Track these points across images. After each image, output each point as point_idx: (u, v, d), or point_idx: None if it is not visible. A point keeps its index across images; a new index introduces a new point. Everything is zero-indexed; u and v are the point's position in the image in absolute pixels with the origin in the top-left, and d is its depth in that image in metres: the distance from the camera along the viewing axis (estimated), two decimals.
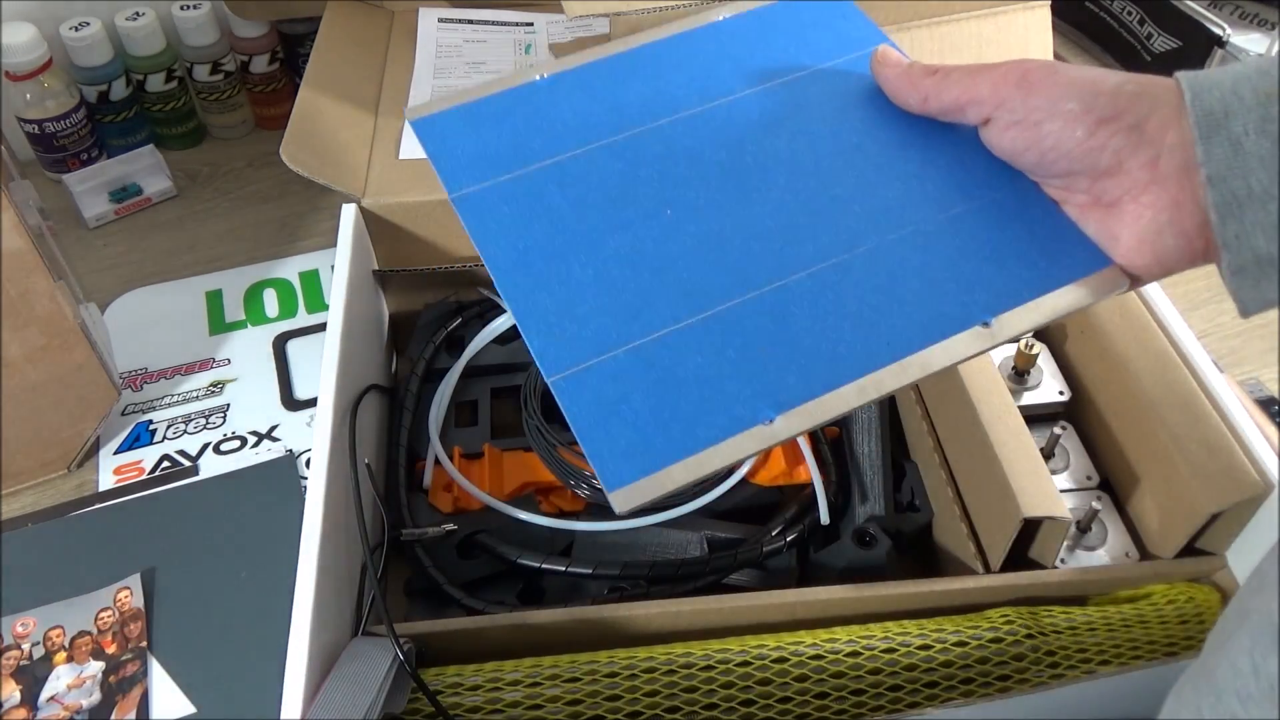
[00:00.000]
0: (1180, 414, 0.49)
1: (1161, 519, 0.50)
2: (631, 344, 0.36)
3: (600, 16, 0.71)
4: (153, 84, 0.84)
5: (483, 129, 0.42)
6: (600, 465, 0.33)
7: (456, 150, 0.42)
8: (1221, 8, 0.85)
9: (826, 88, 0.44)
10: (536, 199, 0.40)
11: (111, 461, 0.64)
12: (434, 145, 0.42)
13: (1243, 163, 0.34)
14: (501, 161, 0.41)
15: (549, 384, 0.35)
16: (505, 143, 0.42)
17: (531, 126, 0.42)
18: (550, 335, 0.36)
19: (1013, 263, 0.38)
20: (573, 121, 0.42)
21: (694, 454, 0.33)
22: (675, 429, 0.34)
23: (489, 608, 0.49)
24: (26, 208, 0.58)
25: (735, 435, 0.34)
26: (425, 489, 0.56)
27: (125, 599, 0.56)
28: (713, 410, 0.34)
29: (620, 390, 0.35)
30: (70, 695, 0.52)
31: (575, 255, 0.38)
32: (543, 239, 0.39)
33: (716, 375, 0.35)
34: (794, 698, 0.43)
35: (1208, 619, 0.48)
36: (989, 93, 0.38)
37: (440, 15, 0.83)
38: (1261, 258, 0.34)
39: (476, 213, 0.39)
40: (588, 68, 0.45)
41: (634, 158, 0.41)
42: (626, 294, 0.37)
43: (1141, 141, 0.36)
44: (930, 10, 0.71)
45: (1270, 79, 0.34)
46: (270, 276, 0.77)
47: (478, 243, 0.39)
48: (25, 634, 0.55)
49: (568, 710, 0.42)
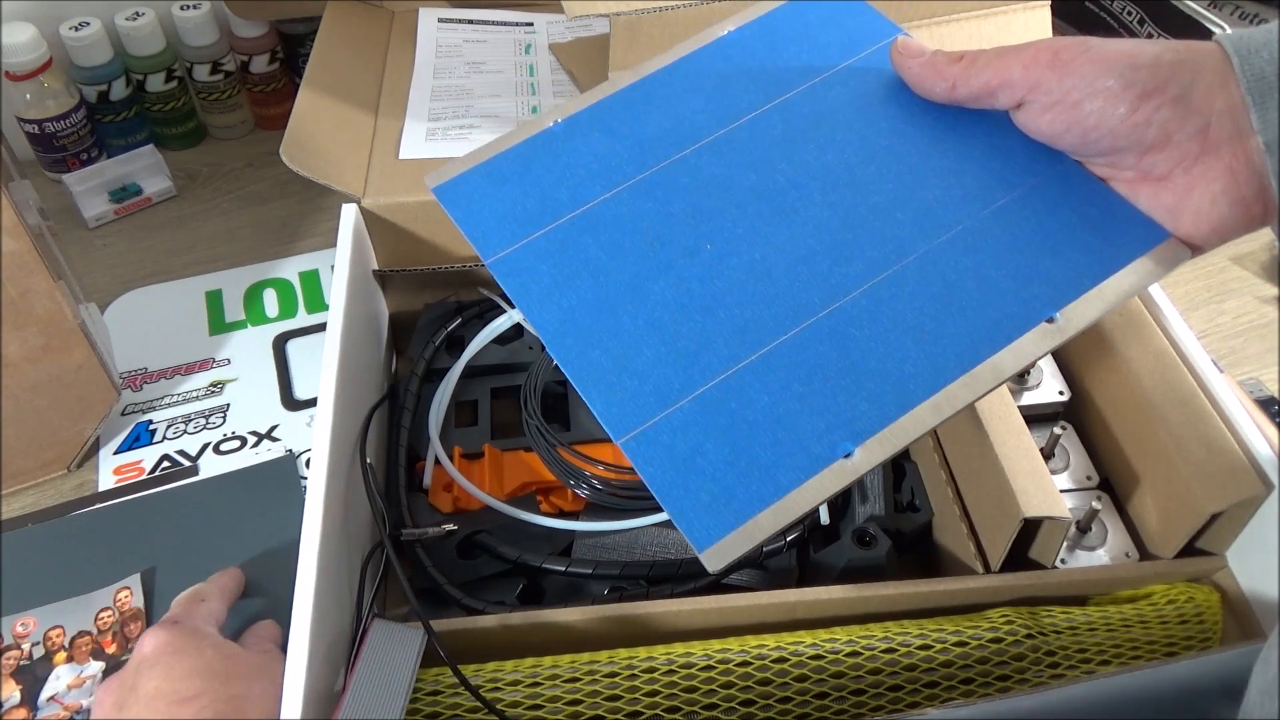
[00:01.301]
0: (1180, 414, 0.49)
1: (1161, 519, 0.50)
2: (695, 392, 0.35)
3: (600, 16, 0.70)
4: (153, 84, 0.84)
5: (506, 186, 0.41)
6: (687, 525, 0.32)
7: (483, 213, 0.40)
8: (1221, 8, 0.85)
9: (847, 90, 0.43)
10: (572, 252, 0.39)
11: (111, 461, 0.64)
12: (460, 211, 0.41)
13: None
14: (530, 218, 0.40)
15: (620, 446, 0.34)
16: (531, 198, 0.41)
17: (554, 176, 0.41)
18: (612, 395, 0.35)
19: (1068, 249, 0.37)
20: (595, 165, 0.41)
21: (778, 499, 0.32)
22: (755, 476, 0.33)
23: (489, 608, 0.49)
24: (26, 208, 0.58)
25: (817, 474, 0.33)
26: (425, 489, 0.56)
27: (125, 599, 0.56)
28: (790, 451, 0.33)
29: (693, 442, 0.33)
30: (70, 695, 0.52)
31: (622, 306, 0.37)
32: (586, 294, 0.37)
33: (788, 413, 0.34)
34: (794, 698, 0.43)
35: (1208, 619, 0.48)
36: (1020, 75, 0.37)
37: (440, 15, 0.83)
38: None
39: (515, 275, 0.38)
40: (600, 105, 0.43)
41: (664, 194, 0.40)
42: (681, 340, 0.36)
43: (1189, 112, 0.34)
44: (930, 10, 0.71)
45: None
46: (270, 276, 0.77)
47: (521, 307, 0.38)
48: (25, 634, 0.55)
49: (568, 710, 0.42)
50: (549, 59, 0.81)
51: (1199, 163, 0.35)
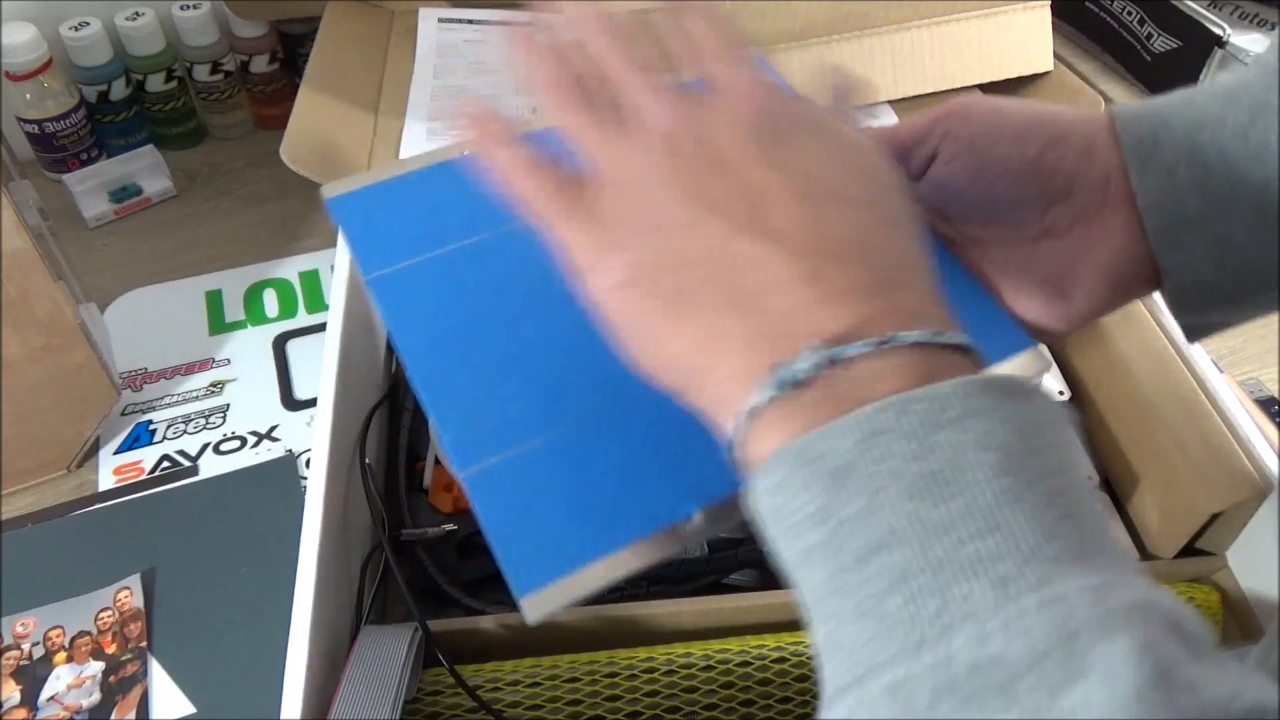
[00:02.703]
0: (1180, 414, 0.49)
1: (1161, 519, 0.50)
2: (546, 437, 0.34)
3: None
4: (153, 84, 0.84)
5: (401, 208, 0.40)
6: (511, 567, 0.31)
7: (374, 230, 0.40)
8: (1221, 8, 0.85)
9: None
10: (453, 281, 0.38)
11: (111, 461, 0.64)
12: (349, 224, 0.40)
13: (1176, 190, 0.33)
14: (419, 242, 0.39)
15: (459, 479, 0.33)
16: (424, 222, 0.40)
17: (452, 204, 0.40)
18: (463, 425, 0.34)
19: None
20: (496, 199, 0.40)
21: (612, 552, 0.31)
22: (592, 526, 0.32)
23: (489, 608, 0.49)
24: (26, 208, 0.58)
25: (655, 532, 0.32)
26: (425, 489, 0.56)
27: (125, 599, 0.56)
28: (631, 506, 0.32)
29: (536, 484, 0.33)
30: (70, 695, 0.52)
31: (491, 341, 0.36)
32: (458, 323, 0.37)
33: (636, 468, 0.33)
34: (794, 698, 0.43)
35: (1208, 619, 0.48)
36: (930, 125, 0.37)
37: (440, 15, 0.83)
38: (1202, 283, 0.34)
39: (390, 295, 0.37)
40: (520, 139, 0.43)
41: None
42: (544, 382, 0.35)
43: (1092, 163, 0.35)
44: (930, 10, 0.71)
45: (1194, 107, 0.34)
46: (270, 276, 0.77)
47: (390, 326, 0.37)
48: (25, 634, 0.55)
49: (568, 710, 0.42)
50: None
51: (1100, 216, 0.35)
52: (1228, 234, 0.33)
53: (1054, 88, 0.75)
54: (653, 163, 0.29)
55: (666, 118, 0.30)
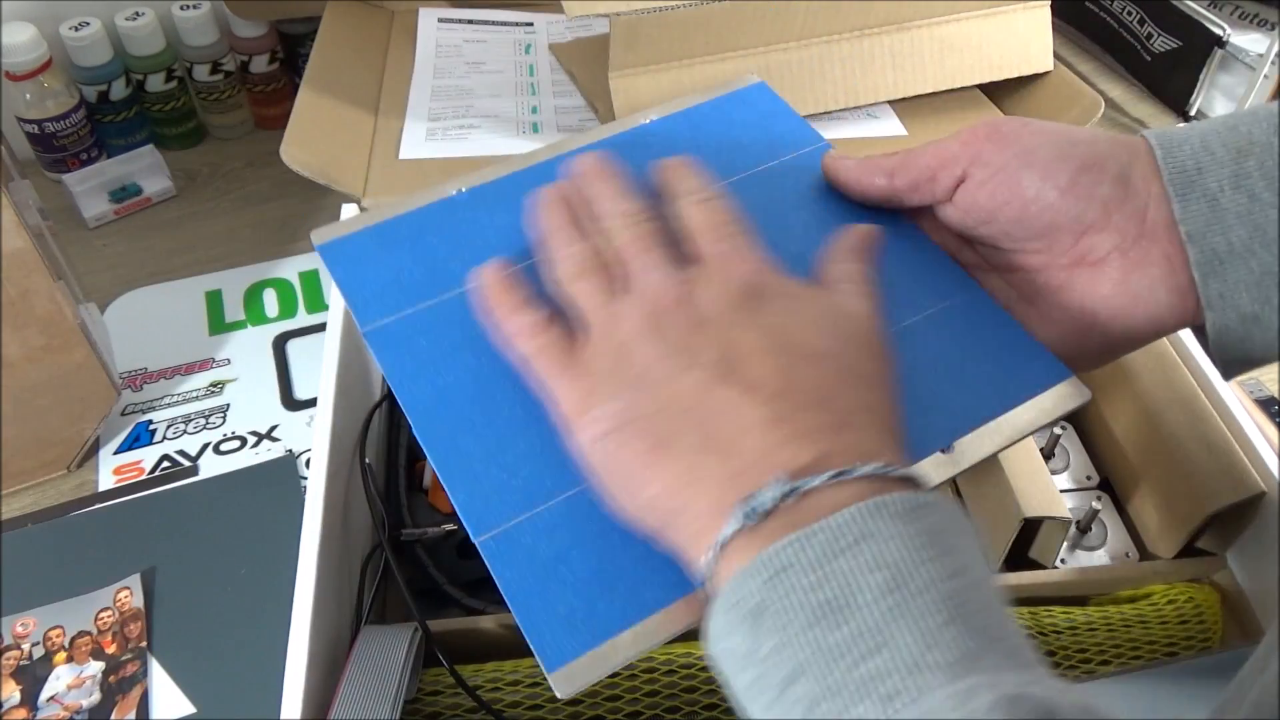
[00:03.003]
0: (1180, 414, 0.49)
1: (1161, 519, 0.50)
2: (566, 494, 0.32)
3: (600, 16, 0.71)
4: (153, 84, 0.84)
5: (396, 252, 0.38)
6: (539, 641, 0.30)
7: (368, 278, 0.38)
8: (1221, 8, 0.85)
9: (763, 192, 0.41)
10: (457, 330, 0.36)
11: (111, 461, 0.64)
12: (343, 273, 0.38)
13: (1220, 219, 0.33)
14: (417, 289, 0.37)
15: (477, 545, 0.31)
16: (421, 266, 0.38)
17: (449, 247, 0.38)
18: (476, 486, 0.32)
19: (970, 379, 0.35)
20: (495, 240, 0.39)
21: (642, 620, 0.30)
22: (620, 591, 0.30)
23: (489, 608, 0.49)
24: (26, 208, 0.58)
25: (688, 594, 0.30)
26: (425, 489, 0.56)
27: (125, 599, 0.56)
28: (659, 567, 0.30)
29: (557, 548, 0.31)
30: (70, 695, 0.52)
31: (501, 394, 0.34)
32: (465, 376, 0.35)
33: None
34: None
35: (1208, 619, 0.48)
36: (959, 149, 0.36)
37: (440, 15, 0.83)
38: (1246, 316, 0.33)
39: (391, 348, 0.35)
40: (510, 179, 0.41)
41: None
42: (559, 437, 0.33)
43: (1129, 191, 0.34)
44: (930, 10, 0.71)
45: (1238, 134, 0.33)
46: (270, 276, 0.77)
47: (392, 381, 0.35)
48: (25, 634, 0.55)
49: (568, 710, 0.42)
50: (549, 59, 0.81)
51: (1137, 246, 0.34)
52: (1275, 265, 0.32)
53: (1054, 88, 0.75)
54: (640, 321, 0.32)
55: (656, 283, 0.33)
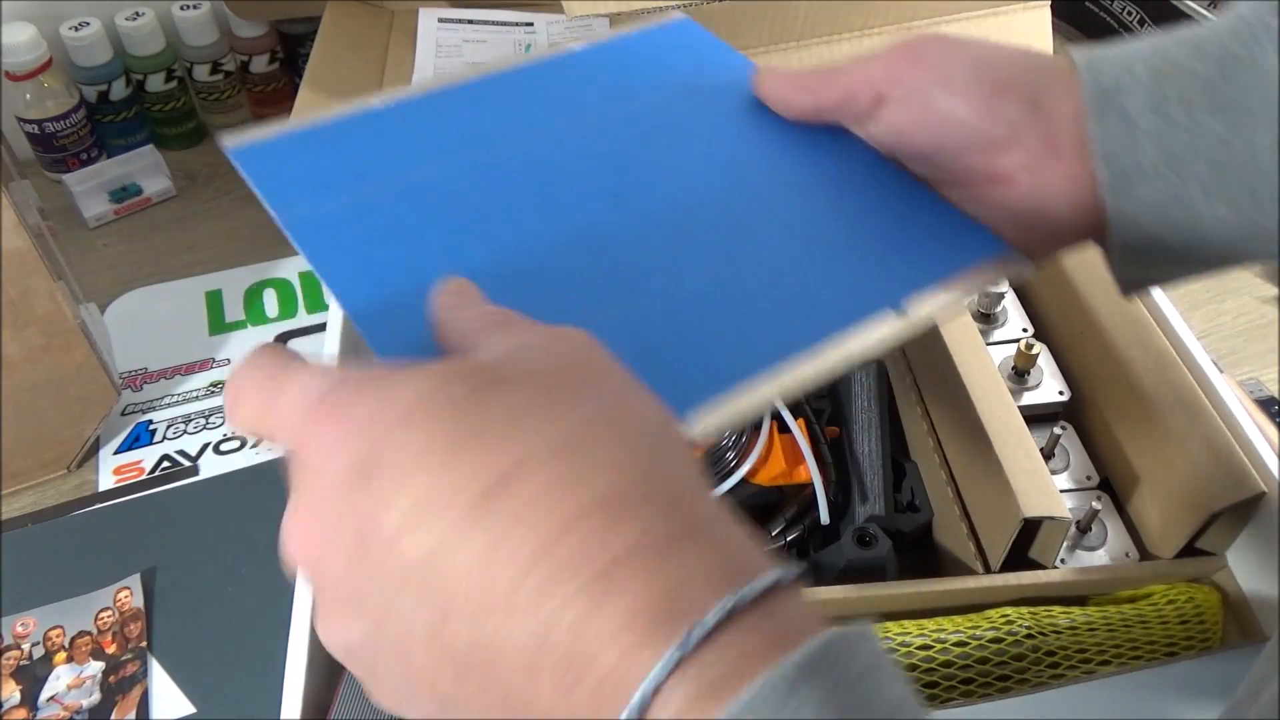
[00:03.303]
0: (1180, 414, 0.49)
1: (1161, 519, 0.50)
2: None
3: (600, 16, 0.71)
4: (153, 84, 0.84)
5: (318, 155, 0.37)
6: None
7: (287, 177, 0.36)
8: (1221, 8, 0.85)
9: (696, 105, 0.42)
10: (387, 218, 0.35)
11: (111, 461, 0.64)
12: (258, 173, 0.36)
13: (1134, 138, 0.33)
14: (341, 185, 0.36)
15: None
16: (345, 166, 0.37)
17: (373, 151, 0.38)
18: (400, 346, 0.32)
19: (913, 250, 0.37)
20: (420, 144, 0.38)
21: None
22: None
23: None
24: (26, 208, 0.58)
25: None
26: None
27: (125, 599, 0.56)
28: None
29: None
30: (70, 695, 0.52)
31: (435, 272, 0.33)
32: (396, 260, 0.34)
33: None
34: None
35: (1208, 619, 0.48)
36: (881, 70, 0.37)
37: (440, 15, 0.83)
38: (1149, 237, 0.34)
39: (316, 237, 0.35)
40: (431, 95, 0.41)
41: (495, 175, 0.38)
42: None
43: (1038, 113, 0.35)
44: (930, 10, 0.71)
45: (1163, 57, 0.34)
46: (270, 276, 0.77)
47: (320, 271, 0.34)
48: (25, 634, 0.55)
49: None
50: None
51: (1043, 165, 0.35)
52: (1182, 189, 0.33)
53: None
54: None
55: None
